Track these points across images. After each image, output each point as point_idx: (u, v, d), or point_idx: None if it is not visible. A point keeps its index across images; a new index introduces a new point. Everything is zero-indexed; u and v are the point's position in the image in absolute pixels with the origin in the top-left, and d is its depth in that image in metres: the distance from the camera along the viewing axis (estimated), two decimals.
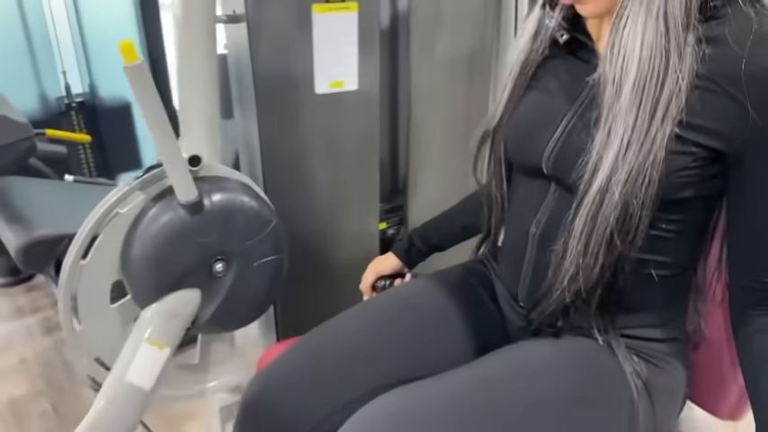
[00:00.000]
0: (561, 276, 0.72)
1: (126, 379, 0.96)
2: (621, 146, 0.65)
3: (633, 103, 0.65)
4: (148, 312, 0.99)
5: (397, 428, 0.68)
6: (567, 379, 0.74)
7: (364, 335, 0.85)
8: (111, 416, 0.96)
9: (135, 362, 0.97)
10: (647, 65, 0.64)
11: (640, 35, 0.64)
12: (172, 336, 1.00)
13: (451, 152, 1.36)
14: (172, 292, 0.98)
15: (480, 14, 1.30)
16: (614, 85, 0.66)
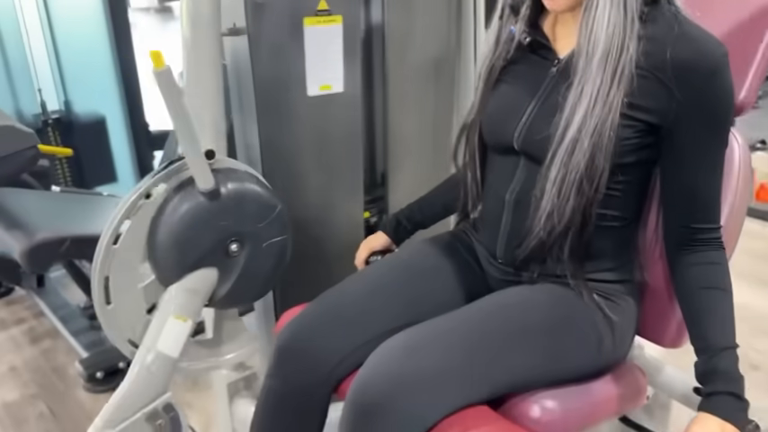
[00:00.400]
0: (539, 214, 0.89)
1: (157, 348, 1.09)
2: (590, 103, 0.83)
3: (599, 68, 0.83)
4: (173, 290, 1.12)
5: (410, 354, 0.83)
6: (546, 309, 0.91)
7: (370, 290, 1.01)
8: (144, 381, 1.08)
9: (164, 333, 1.10)
10: (610, 40, 0.83)
11: (607, 17, 0.83)
12: (193, 310, 1.13)
13: (424, 147, 1.53)
14: (193, 271, 1.11)
15: (444, 27, 1.47)
16: (587, 55, 0.84)
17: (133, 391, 1.07)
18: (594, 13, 0.84)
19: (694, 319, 0.89)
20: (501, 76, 0.99)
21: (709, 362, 0.84)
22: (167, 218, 1.08)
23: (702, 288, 0.88)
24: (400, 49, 1.41)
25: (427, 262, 1.06)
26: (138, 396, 1.08)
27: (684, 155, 0.88)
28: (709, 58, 0.83)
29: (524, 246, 0.94)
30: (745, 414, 0.81)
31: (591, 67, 0.84)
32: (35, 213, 1.68)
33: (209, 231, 1.10)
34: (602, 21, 0.83)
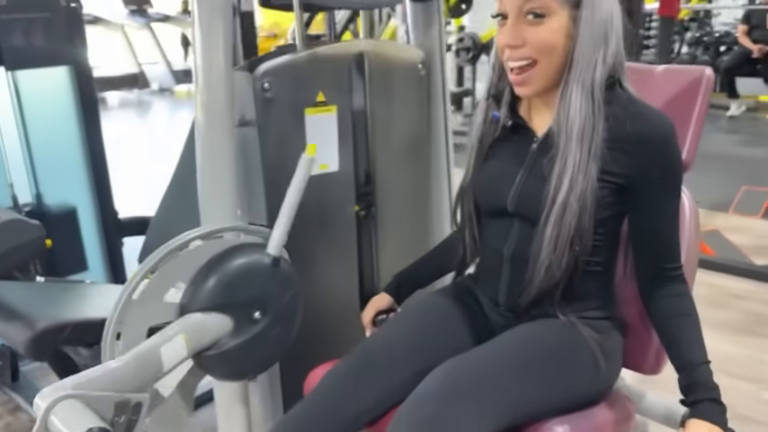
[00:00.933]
0: (539, 267, 1.06)
1: (160, 349, 1.11)
2: (573, 172, 1.01)
3: (578, 145, 1.02)
4: (192, 316, 1.18)
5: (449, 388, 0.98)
6: (551, 345, 1.07)
7: (394, 339, 1.15)
8: (133, 368, 1.07)
9: (172, 342, 1.14)
10: (584, 123, 1.02)
11: (579, 105, 1.02)
12: (197, 343, 1.18)
13: (407, 213, 1.70)
14: (217, 312, 1.19)
15: (417, 112, 1.67)
16: (566, 135, 1.03)
17: (118, 371, 1.05)
18: (569, 102, 1.04)
19: (672, 343, 1.06)
20: (490, 151, 1.18)
21: (690, 376, 1.01)
22: (233, 258, 1.19)
23: (674, 316, 1.06)
24: (383, 131, 1.58)
25: (438, 312, 1.20)
26: (121, 376, 1.05)
27: (650, 208, 1.07)
28: (659, 129, 1.04)
29: (526, 294, 1.10)
30: (725, 416, 0.98)
31: (571, 145, 1.03)
32: (30, 304, 1.72)
33: (254, 288, 1.21)
34: (576, 107, 1.03)
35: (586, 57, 1.02)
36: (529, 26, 1.04)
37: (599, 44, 1.03)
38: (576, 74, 1.03)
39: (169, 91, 11.64)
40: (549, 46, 1.04)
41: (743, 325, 2.65)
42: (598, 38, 1.03)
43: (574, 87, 1.03)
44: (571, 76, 1.03)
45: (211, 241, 1.24)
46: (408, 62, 1.61)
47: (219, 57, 1.24)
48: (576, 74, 1.03)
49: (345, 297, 1.60)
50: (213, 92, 1.26)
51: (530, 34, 1.04)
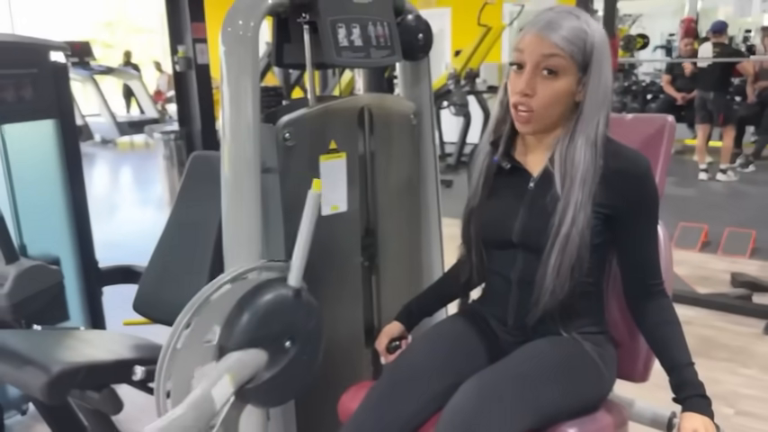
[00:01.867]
0: (544, 292, 1.21)
1: (211, 392, 1.23)
2: (575, 210, 1.18)
3: (580, 187, 1.19)
4: (232, 355, 1.28)
5: (480, 396, 1.11)
6: (558, 356, 1.22)
7: (423, 359, 1.27)
8: (190, 417, 1.20)
9: (219, 383, 1.25)
10: (587, 168, 1.20)
11: (583, 153, 1.20)
12: (239, 379, 1.29)
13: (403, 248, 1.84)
14: (253, 347, 1.29)
15: (409, 159, 1.84)
16: (570, 178, 1.20)
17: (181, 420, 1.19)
18: (575, 151, 1.21)
19: (661, 348, 1.23)
20: (492, 190, 1.34)
21: (680, 376, 1.18)
22: (260, 295, 1.30)
23: (661, 324, 1.24)
24: (382, 174, 1.74)
25: (455, 334, 1.34)
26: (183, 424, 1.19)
27: (634, 233, 1.25)
28: (638, 166, 1.23)
29: (532, 315, 1.26)
30: (711, 408, 1.14)
31: (574, 187, 1.20)
32: (38, 349, 1.75)
33: (283, 320, 1.32)
34: (580, 156, 1.21)
35: (592, 114, 1.21)
36: (542, 79, 1.21)
37: (602, 105, 1.22)
38: (583, 128, 1.22)
39: (112, 143, 11.52)
40: (554, 102, 1.22)
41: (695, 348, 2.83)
42: (602, 100, 1.22)
43: (579, 139, 1.21)
44: (578, 129, 1.22)
45: (238, 283, 1.34)
46: (402, 113, 1.78)
47: (248, 110, 1.37)
48: (583, 128, 1.22)
49: (351, 329, 1.71)
50: (242, 143, 1.39)
51: (541, 87, 1.22)
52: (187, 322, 1.29)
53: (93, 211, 2.69)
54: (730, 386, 2.58)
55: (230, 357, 1.27)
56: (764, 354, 2.86)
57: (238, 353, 1.28)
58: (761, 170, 6.82)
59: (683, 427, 1.12)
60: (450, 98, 7.26)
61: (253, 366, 1.30)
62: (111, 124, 10.98)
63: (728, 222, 4.55)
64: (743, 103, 7.21)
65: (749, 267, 3.93)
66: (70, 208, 2.60)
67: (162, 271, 2.14)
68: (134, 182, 9.01)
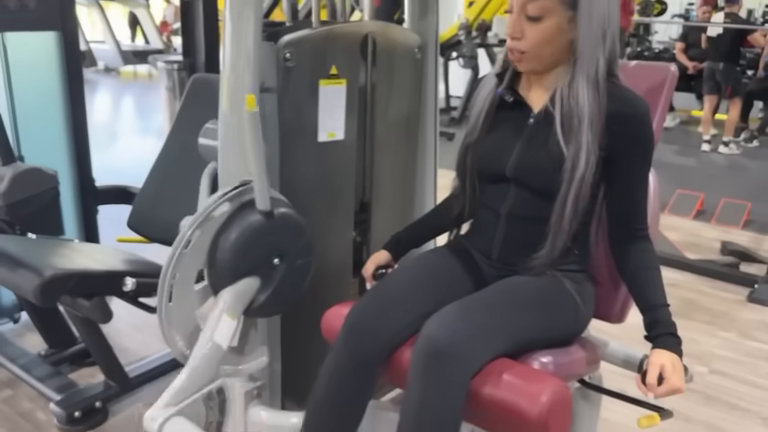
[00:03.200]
0: (561, 233, 1.24)
1: (214, 339, 1.29)
2: (587, 152, 1.20)
3: (589, 128, 1.20)
4: (225, 293, 1.32)
5: (461, 317, 1.14)
6: (538, 289, 1.25)
7: (409, 284, 1.30)
8: (202, 367, 1.29)
9: (219, 328, 1.30)
10: (593, 109, 1.20)
11: (586, 93, 1.21)
12: (239, 311, 1.35)
13: (396, 180, 1.85)
14: (243, 278, 1.33)
15: (411, 87, 1.83)
16: (576, 118, 1.21)
17: (193, 377, 1.26)
18: (577, 92, 1.21)
19: (639, 290, 1.26)
20: (491, 123, 1.35)
21: (653, 315, 1.21)
22: (231, 231, 1.31)
23: (642, 268, 1.26)
24: (382, 105, 1.74)
25: (441, 263, 1.37)
26: (197, 379, 1.27)
27: (627, 176, 1.26)
28: (639, 110, 1.24)
29: (548, 253, 1.27)
30: (680, 348, 1.18)
31: (582, 128, 1.21)
32: (32, 255, 1.78)
33: (262, 244, 1.34)
34: (584, 97, 1.21)
35: (588, 52, 1.21)
36: (527, 22, 1.23)
37: (600, 43, 1.21)
38: (582, 67, 1.22)
39: (115, 71, 11.39)
40: (543, 42, 1.23)
41: (678, 310, 2.90)
42: (598, 37, 1.21)
43: (580, 78, 1.22)
44: (577, 68, 1.22)
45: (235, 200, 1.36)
46: (407, 45, 1.76)
47: (250, 30, 1.36)
48: (582, 67, 1.22)
49: (340, 257, 1.74)
50: (241, 61, 1.38)
51: (528, 30, 1.23)
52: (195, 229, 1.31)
53: (94, 138, 2.70)
54: (707, 347, 2.63)
55: (223, 296, 1.31)
56: (744, 319, 2.91)
57: (229, 288, 1.32)
58: (765, 145, 6.79)
59: (651, 361, 1.15)
60: (459, 49, 7.16)
61: (247, 294, 1.34)
62: (116, 52, 10.83)
63: (725, 193, 4.56)
64: (753, 77, 7.13)
65: (740, 238, 3.96)
66: (69, 123, 2.60)
67: (157, 190, 2.16)
68: (135, 111, 8.95)
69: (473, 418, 1.18)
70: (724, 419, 2.15)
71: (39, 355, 2.24)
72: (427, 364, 1.10)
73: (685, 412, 2.14)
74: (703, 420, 2.13)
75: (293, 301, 1.47)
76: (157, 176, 2.18)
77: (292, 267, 1.40)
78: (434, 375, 1.09)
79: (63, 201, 2.69)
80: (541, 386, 1.08)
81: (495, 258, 1.34)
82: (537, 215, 1.27)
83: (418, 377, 1.11)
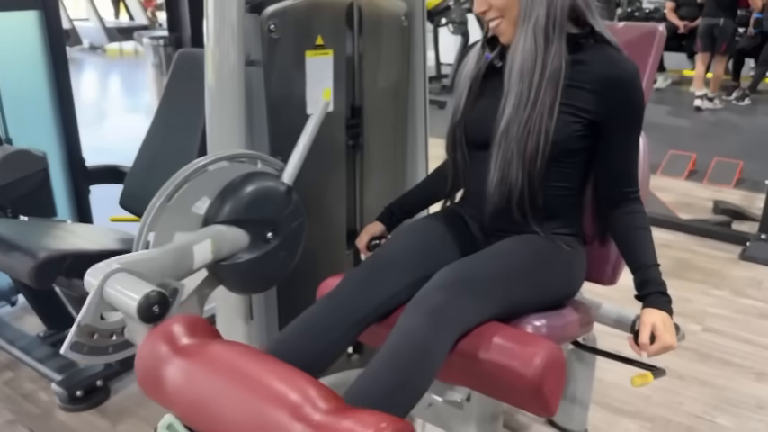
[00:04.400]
0: (489, 185, 1.26)
1: (193, 247, 1.24)
2: (517, 105, 1.21)
3: (519, 80, 1.21)
4: (216, 227, 1.30)
5: (457, 279, 1.15)
6: (532, 254, 1.26)
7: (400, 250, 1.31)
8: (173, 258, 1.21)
9: (200, 244, 1.25)
10: (525, 59, 1.21)
11: (523, 44, 1.21)
12: (219, 250, 1.30)
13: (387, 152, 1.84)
14: (237, 226, 1.32)
15: (399, 57, 1.81)
16: (509, 71, 1.23)
17: (160, 259, 1.18)
18: (516, 44, 1.23)
19: (630, 250, 1.27)
20: (479, 90, 1.34)
21: (644, 275, 1.22)
22: (251, 183, 1.32)
23: (633, 229, 1.27)
24: (370, 75, 1.72)
25: (434, 230, 1.37)
26: (161, 264, 1.17)
27: (617, 140, 1.26)
28: (627, 73, 1.23)
29: (487, 208, 1.29)
30: (671, 306, 1.19)
31: (511, 82, 1.23)
32: (26, 237, 1.78)
33: (269, 210, 1.34)
34: (520, 47, 1.22)
35: (527, 6, 1.21)
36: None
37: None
38: (522, 22, 1.22)
39: (101, 49, 11.23)
40: (507, 4, 1.23)
41: (671, 270, 2.96)
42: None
43: (521, 34, 1.22)
44: (518, 24, 1.23)
45: (234, 164, 1.35)
46: (393, 13, 1.74)
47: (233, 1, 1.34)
48: (522, 22, 1.22)
49: (334, 229, 1.75)
50: (225, 33, 1.37)
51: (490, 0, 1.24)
52: (182, 181, 1.29)
53: (82, 118, 2.67)
54: (700, 305, 2.67)
55: (214, 227, 1.30)
56: (737, 277, 2.95)
57: (222, 226, 1.31)
58: (756, 103, 6.78)
59: (643, 321, 1.17)
60: (448, 15, 7.07)
61: (233, 244, 1.32)
62: (100, 29, 10.66)
63: (718, 152, 4.57)
64: (743, 35, 7.08)
65: (733, 196, 3.98)
66: (56, 104, 2.57)
67: (148, 167, 2.15)
68: (123, 89, 8.85)
69: (469, 381, 1.20)
70: (717, 375, 2.18)
71: (38, 337, 2.25)
72: (416, 315, 1.10)
73: (679, 370, 2.18)
74: (697, 377, 2.17)
75: (268, 282, 1.46)
76: (147, 154, 2.17)
77: (281, 246, 1.39)
78: (421, 322, 1.09)
79: (54, 182, 2.67)
80: (535, 349, 1.09)
81: (488, 225, 1.35)
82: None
83: (404, 321, 1.11)
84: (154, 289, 1.04)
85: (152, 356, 1.01)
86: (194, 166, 1.29)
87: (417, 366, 1.07)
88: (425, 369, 1.07)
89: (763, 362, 2.27)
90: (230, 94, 1.41)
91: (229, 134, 1.44)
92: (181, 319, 1.05)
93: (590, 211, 1.39)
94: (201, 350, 1.00)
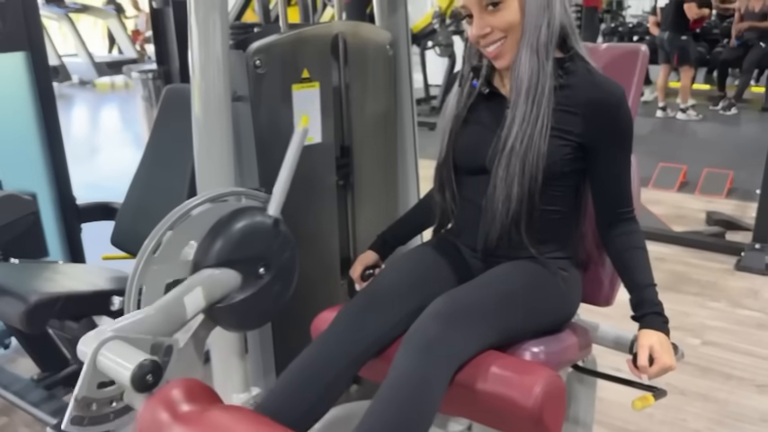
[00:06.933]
0: (496, 204, 1.24)
1: (183, 299, 1.22)
2: (522, 122, 1.21)
3: (526, 98, 1.21)
4: (206, 271, 1.27)
5: (449, 311, 1.14)
6: (525, 279, 1.25)
7: (394, 282, 1.30)
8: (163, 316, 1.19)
9: (192, 293, 1.24)
10: (531, 78, 1.21)
11: (528, 63, 1.21)
12: (211, 295, 1.28)
13: (379, 179, 1.84)
14: (227, 267, 1.30)
15: (386, 87, 1.82)
16: (516, 90, 1.22)
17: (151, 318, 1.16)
18: (520, 63, 1.23)
19: (626, 270, 1.27)
20: (468, 117, 1.34)
21: (640, 295, 1.22)
22: (237, 221, 1.30)
23: (629, 249, 1.27)
24: (357, 105, 1.73)
25: (427, 259, 1.36)
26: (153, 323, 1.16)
27: (607, 163, 1.26)
28: (613, 96, 1.23)
29: (493, 231, 1.27)
30: (667, 326, 1.19)
31: (520, 99, 1.22)
32: (17, 280, 1.76)
33: (258, 246, 1.32)
34: (525, 67, 1.22)
35: (532, 23, 1.21)
36: (490, 15, 1.23)
37: (542, 12, 1.21)
38: (526, 39, 1.22)
39: (90, 84, 11.26)
40: (511, 24, 1.23)
41: (667, 284, 2.96)
42: (541, 6, 1.21)
43: (524, 51, 1.22)
44: (522, 42, 1.23)
45: (218, 204, 1.35)
46: (378, 43, 1.75)
47: (217, 35, 1.34)
48: (526, 39, 1.22)
49: (327, 259, 1.74)
50: (211, 68, 1.37)
51: (493, 21, 1.23)
52: (167, 229, 1.28)
53: (73, 154, 2.67)
54: (698, 318, 2.66)
55: (204, 273, 1.28)
56: (734, 288, 2.95)
57: (212, 270, 1.29)
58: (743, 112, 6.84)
59: (640, 344, 1.16)
60: (434, 38, 7.14)
61: (225, 286, 1.30)
62: (89, 64, 10.70)
63: (708, 163, 4.59)
64: (726, 46, 7.18)
65: (725, 207, 4.00)
66: (45, 144, 2.56)
67: (139, 204, 2.14)
68: (113, 123, 8.86)
69: (469, 412, 1.19)
70: (719, 390, 2.17)
71: (32, 380, 2.21)
72: (412, 352, 1.10)
73: (680, 385, 2.16)
74: (699, 392, 2.15)
75: (266, 317, 1.44)
76: (137, 191, 2.16)
77: (274, 281, 1.38)
78: (418, 360, 1.08)
79: (45, 221, 2.66)
80: (534, 377, 1.08)
81: (481, 251, 1.34)
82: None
83: (401, 360, 1.10)
84: (146, 358, 1.03)
85: (153, 424, 1.01)
86: (177, 214, 1.28)
87: (418, 407, 1.06)
88: (426, 408, 1.07)
89: (765, 374, 2.26)
90: (218, 130, 1.41)
91: (217, 170, 1.44)
92: (179, 384, 1.06)
93: (585, 232, 1.39)
94: (202, 417, 1.00)
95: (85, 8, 11.18)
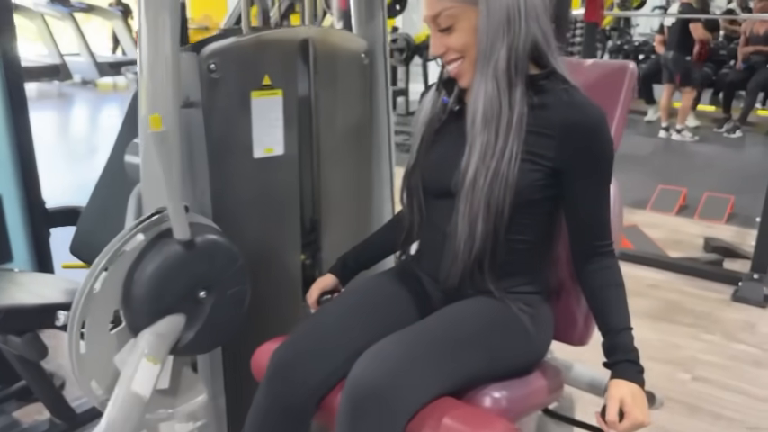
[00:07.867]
0: (458, 242, 1.13)
1: (132, 389, 1.16)
2: (485, 155, 1.09)
3: (483, 128, 1.10)
4: (145, 334, 1.20)
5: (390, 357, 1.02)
6: (485, 318, 1.13)
7: (341, 318, 1.18)
8: (121, 421, 1.14)
9: (137, 375, 1.17)
10: (488, 104, 1.09)
11: (483, 90, 1.10)
12: (162, 353, 1.22)
13: (349, 197, 1.72)
14: (164, 316, 1.20)
15: (360, 99, 1.71)
16: (472, 119, 1.11)
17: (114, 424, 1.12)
18: (475, 91, 1.12)
19: (600, 310, 1.14)
20: (436, 136, 1.23)
21: (613, 340, 1.10)
22: (146, 265, 1.18)
23: (605, 287, 1.15)
24: (328, 115, 1.62)
25: (382, 290, 1.25)
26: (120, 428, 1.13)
27: (581, 191, 1.14)
28: (591, 119, 1.12)
29: (454, 269, 1.16)
30: (642, 376, 1.06)
31: (475, 129, 1.12)
32: None
33: (183, 278, 1.21)
34: (480, 94, 1.11)
35: (486, 47, 1.10)
36: (444, 35, 1.14)
37: (498, 35, 1.10)
38: (480, 64, 1.12)
39: (92, 83, 11.21)
40: (466, 45, 1.13)
41: (659, 313, 2.84)
42: (496, 27, 1.09)
43: (478, 76, 1.12)
44: (477, 66, 1.12)
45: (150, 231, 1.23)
46: (352, 51, 1.65)
47: (166, 36, 1.23)
48: (480, 64, 1.12)
49: (287, 278, 1.62)
50: (159, 71, 1.26)
51: (448, 41, 1.15)
52: (101, 270, 1.18)
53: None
54: (690, 351, 2.53)
55: (143, 337, 1.18)
56: (729, 320, 2.81)
57: (149, 329, 1.19)
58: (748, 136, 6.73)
59: (610, 395, 1.04)
60: None
61: (172, 334, 1.21)
62: (91, 64, 10.66)
63: (708, 187, 4.47)
64: (732, 68, 7.07)
65: (724, 233, 3.87)
66: (14, 146, 2.47)
67: (99, 213, 2.03)
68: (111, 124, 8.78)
69: None
70: (708, 431, 2.04)
71: None
72: (354, 411, 0.98)
73: (666, 425, 2.03)
74: None
75: (229, 333, 1.34)
76: (99, 198, 2.06)
77: (222, 298, 1.27)
78: (362, 422, 0.97)
79: (11, 226, 2.55)
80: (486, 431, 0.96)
81: (443, 281, 1.22)
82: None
83: (345, 425, 0.99)
84: None
85: None
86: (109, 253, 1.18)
87: None
88: None
89: (758, 415, 2.13)
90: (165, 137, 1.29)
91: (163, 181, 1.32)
92: None
93: (558, 256, 1.27)
94: None
95: (90, 8, 11.16)
